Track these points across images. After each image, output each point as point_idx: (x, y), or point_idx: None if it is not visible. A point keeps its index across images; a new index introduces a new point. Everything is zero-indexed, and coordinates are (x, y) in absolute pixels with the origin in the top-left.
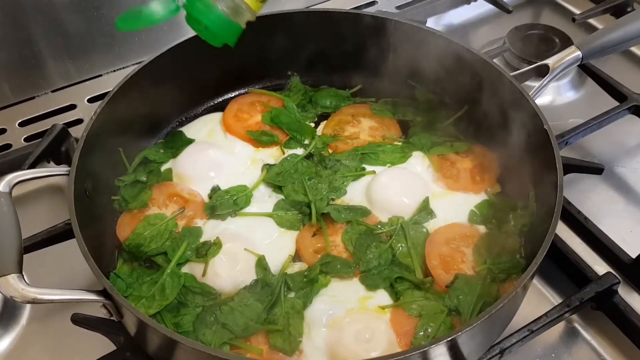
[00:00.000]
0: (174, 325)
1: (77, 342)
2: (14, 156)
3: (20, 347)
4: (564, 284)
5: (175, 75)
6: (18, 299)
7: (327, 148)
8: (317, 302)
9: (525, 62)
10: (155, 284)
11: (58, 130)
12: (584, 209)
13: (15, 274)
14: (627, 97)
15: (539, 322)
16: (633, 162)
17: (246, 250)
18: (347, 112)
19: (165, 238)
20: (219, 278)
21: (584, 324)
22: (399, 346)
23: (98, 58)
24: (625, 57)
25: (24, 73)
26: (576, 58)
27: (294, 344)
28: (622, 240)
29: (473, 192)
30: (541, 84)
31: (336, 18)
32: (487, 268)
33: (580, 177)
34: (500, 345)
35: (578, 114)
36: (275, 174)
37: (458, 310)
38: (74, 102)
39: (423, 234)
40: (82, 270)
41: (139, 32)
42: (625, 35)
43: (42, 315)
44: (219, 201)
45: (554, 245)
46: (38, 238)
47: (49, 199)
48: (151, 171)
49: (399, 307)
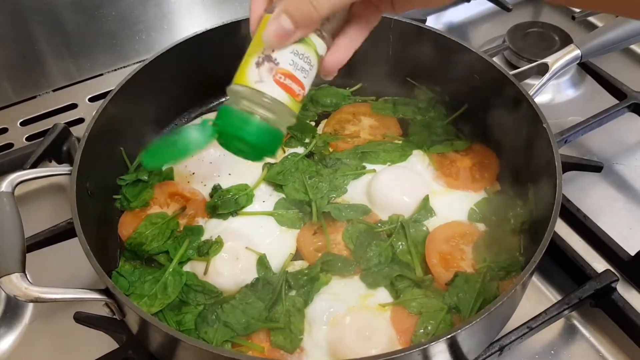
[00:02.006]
0: (175, 323)
1: (80, 340)
2: (16, 155)
3: (23, 345)
4: (563, 282)
5: (177, 74)
6: (21, 298)
7: (328, 147)
8: (318, 300)
9: (525, 60)
10: (157, 283)
11: (59, 130)
12: (583, 206)
13: (18, 273)
14: (626, 95)
15: (538, 319)
16: (632, 160)
17: (247, 249)
18: (348, 111)
19: (166, 237)
20: (221, 276)
21: (583, 321)
22: (399, 343)
23: (99, 57)
24: (625, 55)
25: (25, 72)
26: (575, 57)
27: (295, 342)
28: (622, 237)
29: (473, 190)
30: (540, 82)
31: None
32: (486, 266)
33: (580, 174)
34: (499, 342)
35: (577, 111)
36: (276, 173)
37: (458, 308)
38: (75, 101)
39: (423, 232)
40: (85, 269)
41: (140, 32)
42: (624, 34)
43: (45, 314)
44: (220, 200)
45: (553, 243)
46: (40, 237)
47: (51, 198)
48: (152, 170)
49: (399, 305)
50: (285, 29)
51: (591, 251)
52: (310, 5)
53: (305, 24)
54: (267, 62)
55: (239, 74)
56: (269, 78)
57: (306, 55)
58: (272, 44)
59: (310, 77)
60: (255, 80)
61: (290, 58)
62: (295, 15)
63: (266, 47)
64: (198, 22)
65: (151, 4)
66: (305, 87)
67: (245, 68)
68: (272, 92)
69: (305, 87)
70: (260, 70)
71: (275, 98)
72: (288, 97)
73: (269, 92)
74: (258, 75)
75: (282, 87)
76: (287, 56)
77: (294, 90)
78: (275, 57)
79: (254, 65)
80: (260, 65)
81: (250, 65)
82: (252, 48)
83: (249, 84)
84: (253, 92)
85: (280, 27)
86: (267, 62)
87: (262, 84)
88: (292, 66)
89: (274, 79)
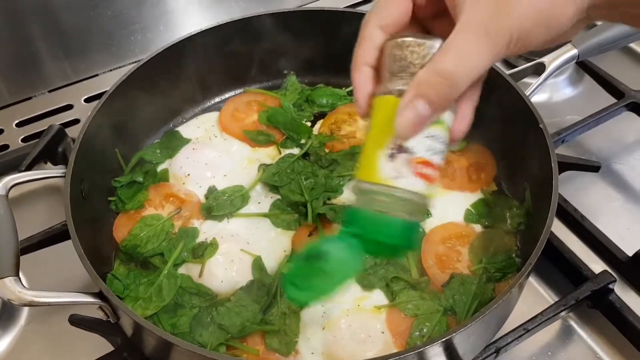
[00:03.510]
0: (170, 326)
1: (76, 342)
2: (11, 157)
3: (18, 347)
4: (560, 282)
5: (172, 74)
6: (15, 302)
7: (324, 147)
8: (313, 303)
9: (522, 58)
10: (152, 285)
11: (55, 131)
12: (581, 206)
13: (12, 276)
14: (624, 94)
15: (535, 321)
16: (631, 159)
17: (242, 251)
18: (344, 111)
19: (161, 239)
20: (216, 279)
21: (580, 322)
22: (394, 346)
23: (94, 57)
24: (623, 54)
25: (21, 73)
26: (573, 56)
27: (290, 345)
28: (619, 237)
29: (469, 191)
30: (537, 82)
31: (332, 16)
32: (482, 267)
33: (577, 174)
34: (495, 344)
35: (575, 110)
36: (271, 174)
37: (453, 310)
38: (70, 102)
39: (419, 234)
40: (80, 271)
41: (136, 32)
42: (622, 32)
43: (40, 316)
44: (215, 202)
45: (549, 244)
46: (35, 239)
47: (46, 199)
48: (147, 172)
49: (395, 307)
50: (422, 115)
51: (588, 252)
52: (447, 84)
53: (444, 105)
54: (401, 153)
55: (366, 169)
56: (407, 171)
57: (440, 135)
58: (409, 135)
59: (443, 155)
60: (392, 176)
61: (426, 144)
62: (433, 98)
63: (399, 139)
64: (194, 22)
65: (147, 4)
66: (440, 167)
67: (373, 162)
68: (412, 187)
69: (440, 168)
70: (395, 163)
71: (416, 192)
72: (427, 187)
73: (409, 187)
74: (394, 170)
75: (422, 178)
76: (423, 142)
77: (432, 177)
78: (410, 147)
79: (386, 159)
80: (394, 158)
81: (380, 158)
82: (375, 137)
83: (384, 181)
84: (391, 190)
85: (417, 115)
86: (401, 154)
87: (400, 180)
88: (429, 152)
89: (413, 172)
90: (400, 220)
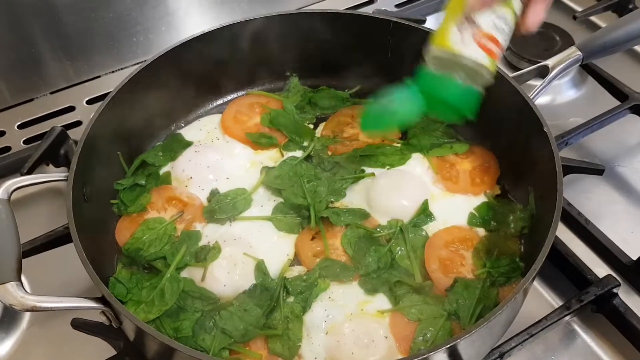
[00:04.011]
0: (173, 330)
1: (78, 346)
2: (13, 159)
3: (21, 351)
4: (564, 286)
5: (174, 77)
6: (17, 307)
7: (327, 150)
8: (317, 307)
9: (526, 60)
10: (154, 289)
11: (57, 133)
12: (585, 209)
13: (14, 281)
14: (628, 97)
15: (539, 325)
16: (634, 162)
17: (245, 255)
18: (346, 114)
19: (164, 242)
20: (218, 283)
21: (584, 326)
22: (398, 351)
23: (96, 59)
24: (626, 56)
25: (23, 75)
26: (577, 59)
27: (293, 349)
28: (623, 241)
29: (472, 194)
30: (541, 86)
31: (335, 19)
32: (486, 272)
33: (581, 176)
34: (499, 349)
35: (579, 113)
36: (274, 177)
37: (457, 315)
38: (72, 103)
39: (422, 237)
40: (82, 274)
41: (138, 33)
42: (627, 35)
43: (42, 320)
44: (218, 205)
45: (554, 248)
46: (37, 242)
47: (48, 202)
48: (150, 174)
49: (398, 311)
50: None
51: (593, 255)
52: None
53: None
54: (469, 25)
55: (439, 38)
56: (472, 41)
57: (506, 16)
58: (477, 7)
59: (508, 37)
60: (458, 43)
61: (492, 20)
62: None
63: (469, 10)
64: (195, 24)
65: (149, 5)
66: (504, 47)
67: (446, 31)
68: (475, 55)
69: (503, 48)
70: (463, 33)
71: (478, 61)
72: (488, 59)
73: (472, 55)
74: (461, 39)
75: (484, 50)
76: (489, 19)
77: (494, 51)
78: (478, 21)
79: (456, 29)
80: (462, 29)
81: (452, 28)
82: (451, 11)
83: (451, 47)
84: (456, 56)
85: None
86: (469, 26)
87: (465, 48)
88: (493, 28)
89: (477, 42)
90: (461, 84)
